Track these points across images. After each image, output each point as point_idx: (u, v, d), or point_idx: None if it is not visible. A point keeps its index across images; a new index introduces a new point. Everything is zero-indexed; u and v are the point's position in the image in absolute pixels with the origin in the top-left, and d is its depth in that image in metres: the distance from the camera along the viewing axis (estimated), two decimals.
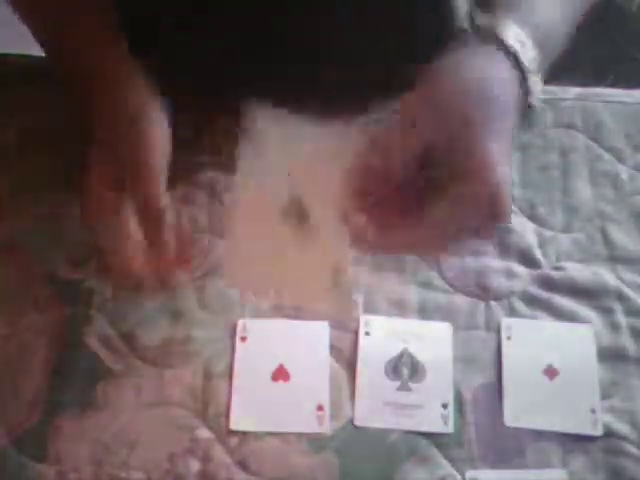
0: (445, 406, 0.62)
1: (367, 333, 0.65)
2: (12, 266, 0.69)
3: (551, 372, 0.64)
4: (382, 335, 0.65)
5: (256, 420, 0.61)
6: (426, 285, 0.69)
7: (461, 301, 0.68)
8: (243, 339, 0.64)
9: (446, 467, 0.59)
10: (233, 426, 0.60)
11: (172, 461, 0.59)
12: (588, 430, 0.61)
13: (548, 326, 0.66)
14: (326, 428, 0.61)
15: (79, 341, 0.65)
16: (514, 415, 0.62)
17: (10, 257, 0.69)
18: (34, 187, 0.74)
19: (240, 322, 0.65)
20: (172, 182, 0.75)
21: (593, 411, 0.62)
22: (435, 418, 0.62)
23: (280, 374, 0.63)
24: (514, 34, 0.51)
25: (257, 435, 0.60)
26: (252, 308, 0.67)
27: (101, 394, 0.62)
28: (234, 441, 0.60)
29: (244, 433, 0.61)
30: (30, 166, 0.75)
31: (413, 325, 0.66)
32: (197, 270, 0.69)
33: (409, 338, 0.65)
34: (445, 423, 0.61)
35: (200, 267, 0.69)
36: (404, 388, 0.63)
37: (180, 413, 0.61)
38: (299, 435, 0.60)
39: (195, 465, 0.59)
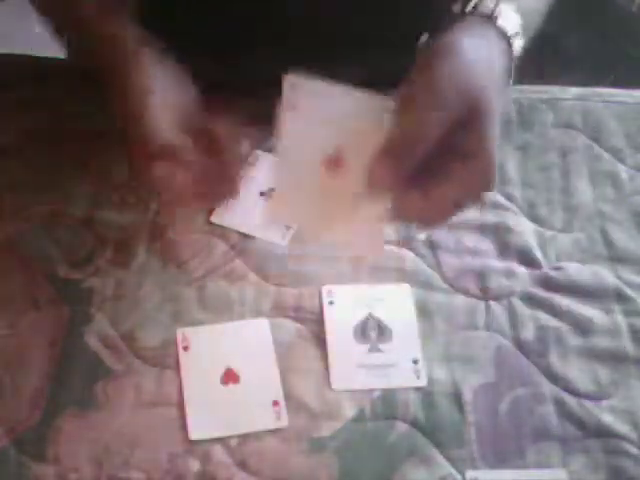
0: (416, 361, 0.64)
1: (331, 302, 0.67)
2: (12, 266, 0.69)
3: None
4: (345, 303, 0.67)
5: (215, 426, 0.61)
6: (426, 285, 0.69)
7: (461, 301, 0.68)
8: (186, 349, 0.64)
9: (446, 467, 0.59)
10: (194, 437, 0.60)
11: (172, 461, 0.59)
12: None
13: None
14: (284, 422, 0.61)
15: (79, 341, 0.65)
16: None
17: (10, 257, 0.69)
18: (34, 187, 0.74)
19: (179, 332, 0.65)
20: None
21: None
22: (408, 374, 0.64)
23: (229, 377, 0.63)
24: (513, 24, 0.57)
25: (257, 435, 0.60)
26: (252, 309, 0.67)
27: (101, 394, 0.62)
28: (234, 441, 0.60)
29: (244, 433, 0.61)
30: (30, 166, 0.75)
31: (374, 290, 0.68)
32: (197, 270, 0.69)
33: (372, 303, 0.67)
34: (418, 377, 0.63)
35: (200, 267, 0.69)
36: (374, 350, 0.65)
37: (180, 413, 0.61)
38: (299, 435, 0.60)
39: (195, 465, 0.59)
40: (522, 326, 0.67)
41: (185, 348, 0.64)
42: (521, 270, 0.70)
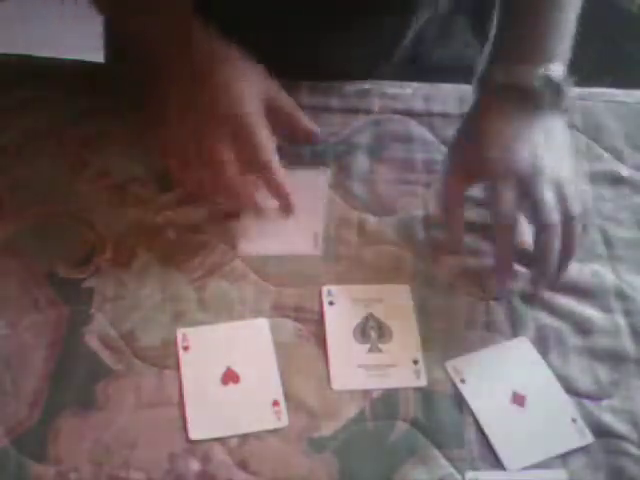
0: (416, 361, 0.64)
1: (331, 302, 0.67)
2: (12, 266, 0.69)
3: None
4: (345, 303, 0.67)
5: (215, 426, 0.61)
6: (426, 285, 0.69)
7: (461, 301, 0.68)
8: (186, 349, 0.64)
9: (446, 467, 0.59)
10: (194, 437, 0.60)
11: (172, 461, 0.59)
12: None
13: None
14: (284, 422, 0.61)
15: (79, 341, 0.65)
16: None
17: (10, 257, 0.69)
18: (34, 187, 0.74)
19: (179, 332, 0.65)
20: (171, 182, 0.75)
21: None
22: (408, 374, 0.64)
23: (229, 377, 0.63)
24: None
25: (257, 435, 0.60)
26: (252, 309, 0.67)
27: (101, 394, 0.62)
28: (234, 441, 0.60)
29: (244, 433, 0.61)
30: (30, 166, 0.75)
31: (374, 290, 0.68)
32: (197, 270, 0.69)
33: (372, 303, 0.67)
34: (418, 377, 0.63)
35: (200, 267, 0.69)
36: (374, 350, 0.65)
37: (180, 413, 0.61)
38: (299, 435, 0.60)
39: (195, 465, 0.59)
40: (522, 326, 0.67)
41: (185, 348, 0.64)
42: (521, 270, 0.70)
